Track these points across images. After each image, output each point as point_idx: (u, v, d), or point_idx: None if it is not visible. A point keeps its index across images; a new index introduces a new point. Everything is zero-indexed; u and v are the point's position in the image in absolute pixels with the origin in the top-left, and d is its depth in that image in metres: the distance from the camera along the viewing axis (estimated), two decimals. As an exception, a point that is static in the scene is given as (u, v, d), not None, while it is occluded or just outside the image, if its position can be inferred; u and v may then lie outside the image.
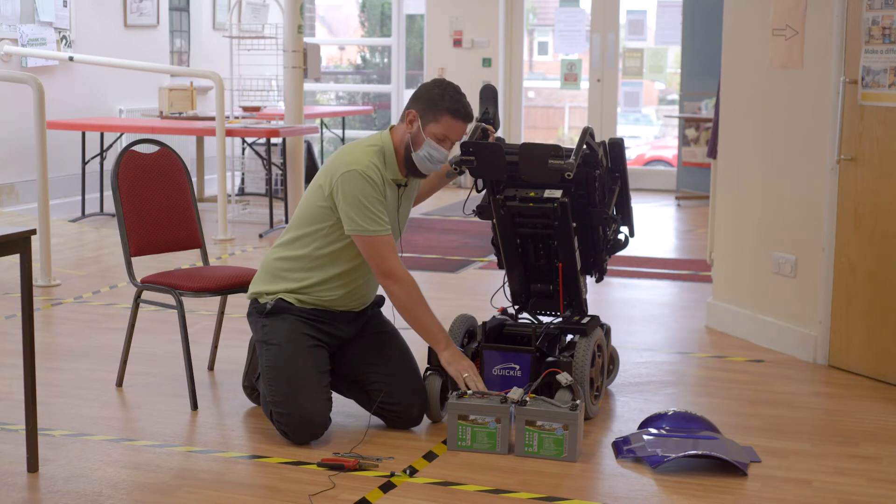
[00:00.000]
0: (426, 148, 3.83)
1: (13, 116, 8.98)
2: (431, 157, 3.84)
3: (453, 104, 3.83)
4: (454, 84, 3.91)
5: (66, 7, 9.63)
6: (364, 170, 3.76)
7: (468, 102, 3.90)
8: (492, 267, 6.78)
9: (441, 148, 3.85)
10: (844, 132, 4.68)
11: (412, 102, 3.89)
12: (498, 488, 3.44)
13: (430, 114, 3.83)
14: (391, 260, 3.80)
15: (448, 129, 3.84)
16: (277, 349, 3.84)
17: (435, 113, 3.82)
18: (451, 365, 3.87)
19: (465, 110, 3.86)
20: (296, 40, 8.28)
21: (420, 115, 3.84)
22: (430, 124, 3.83)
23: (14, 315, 5.53)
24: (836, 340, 4.83)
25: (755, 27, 5.16)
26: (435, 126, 3.83)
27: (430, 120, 3.83)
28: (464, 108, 3.86)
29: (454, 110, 3.83)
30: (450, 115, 3.82)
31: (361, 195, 3.75)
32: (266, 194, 9.26)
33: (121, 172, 4.38)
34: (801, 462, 3.71)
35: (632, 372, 4.76)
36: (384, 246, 3.78)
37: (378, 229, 3.77)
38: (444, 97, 3.83)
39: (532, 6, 13.55)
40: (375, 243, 3.77)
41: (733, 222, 5.42)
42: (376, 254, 3.79)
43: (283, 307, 3.89)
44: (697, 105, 10.56)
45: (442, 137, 3.84)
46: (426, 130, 3.83)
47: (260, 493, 3.42)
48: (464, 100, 3.87)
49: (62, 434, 3.89)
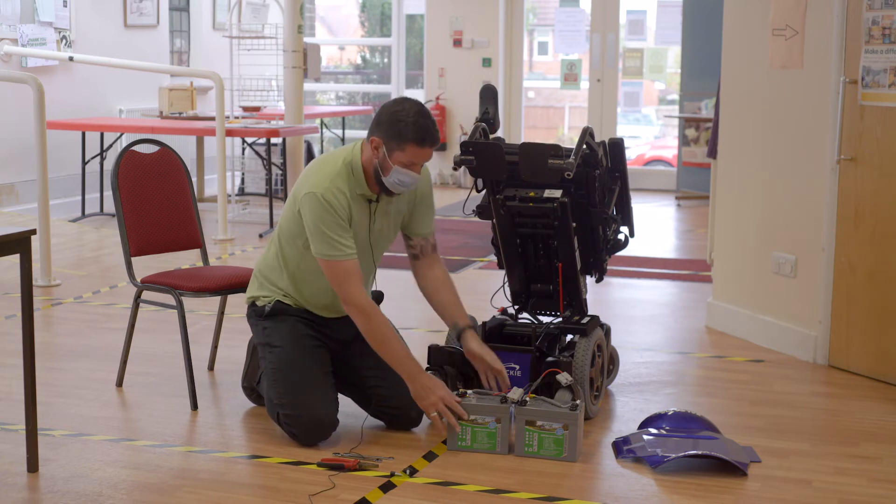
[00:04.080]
0: (395, 174, 3.69)
1: (13, 116, 8.98)
2: (402, 182, 3.73)
3: (418, 132, 3.65)
4: (417, 105, 3.71)
5: (66, 7, 9.63)
6: (323, 193, 3.66)
7: (433, 125, 3.70)
8: (492, 267, 6.78)
9: (410, 172, 3.71)
10: (844, 132, 4.68)
11: (375, 128, 3.72)
12: (498, 488, 3.44)
13: (394, 142, 3.67)
14: (349, 287, 3.70)
15: (414, 157, 3.69)
16: (281, 351, 3.84)
17: (399, 141, 3.66)
18: (420, 400, 3.75)
19: (430, 137, 3.68)
20: (296, 40, 8.28)
21: (384, 143, 3.68)
22: (396, 152, 3.67)
23: (14, 315, 5.53)
24: (836, 340, 4.82)
25: (755, 27, 5.16)
26: (401, 154, 3.67)
27: (394, 148, 3.67)
28: (429, 134, 3.68)
29: (419, 139, 3.66)
30: (415, 144, 3.67)
31: (320, 221, 3.67)
32: (266, 194, 9.26)
33: (121, 172, 4.38)
34: (801, 462, 3.71)
35: (632, 372, 4.76)
36: (343, 272, 3.69)
37: (336, 255, 3.68)
38: (408, 125, 3.65)
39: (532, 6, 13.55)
40: (334, 269, 3.70)
41: (733, 222, 5.42)
42: (335, 280, 3.72)
43: (281, 309, 3.89)
44: (697, 105, 10.56)
45: (409, 164, 3.69)
46: (392, 158, 3.68)
47: (260, 493, 3.42)
48: (428, 124, 3.68)
49: (62, 434, 3.89)
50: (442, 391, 3.73)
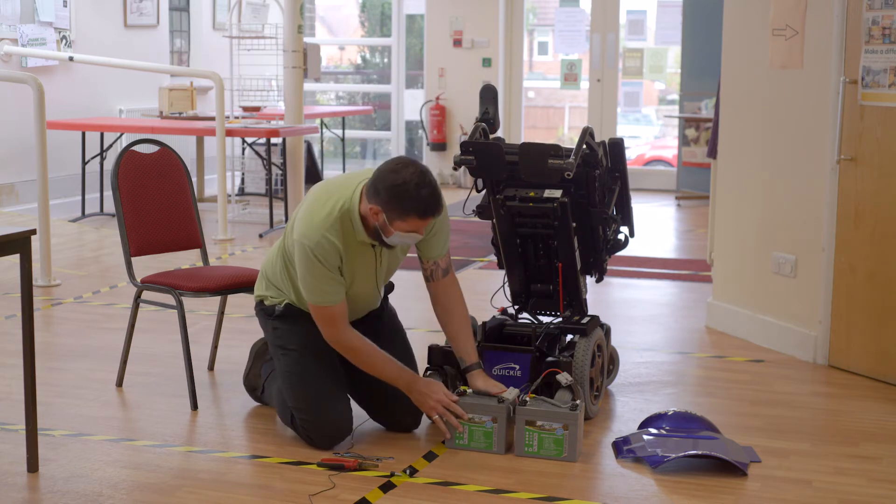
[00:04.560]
0: (396, 237, 3.59)
1: (13, 116, 8.98)
2: (405, 242, 3.68)
3: (419, 207, 3.49)
4: (420, 173, 3.50)
5: (66, 7, 9.63)
6: (314, 247, 3.57)
7: (437, 195, 3.54)
8: (492, 267, 6.78)
9: (413, 234, 3.60)
10: (844, 132, 4.68)
11: (373, 197, 3.52)
12: (498, 488, 3.44)
13: (395, 212, 3.50)
14: (335, 330, 3.70)
15: (416, 227, 3.56)
16: (296, 355, 3.83)
17: (400, 212, 3.50)
18: (421, 407, 3.78)
19: (433, 209, 3.53)
20: (296, 40, 8.28)
21: (384, 212, 3.52)
22: (397, 221, 3.53)
23: (14, 315, 5.53)
24: (836, 340, 4.82)
25: (755, 27, 5.16)
26: (402, 223, 3.53)
27: (395, 217, 3.52)
28: (432, 206, 3.52)
29: (422, 213, 3.51)
30: (417, 217, 3.52)
31: (309, 273, 3.63)
32: (266, 194, 9.26)
33: (121, 172, 4.38)
34: (801, 462, 3.71)
35: (632, 372, 4.76)
36: (330, 317, 3.69)
37: (322, 301, 3.66)
38: (409, 199, 3.47)
39: (532, 6, 13.55)
40: (320, 313, 3.70)
41: (733, 222, 5.42)
42: (320, 322, 3.72)
43: (292, 310, 3.88)
44: (697, 105, 10.56)
45: (411, 230, 3.57)
46: (393, 225, 3.54)
47: (260, 493, 3.42)
48: (429, 195, 3.50)
49: (62, 434, 3.89)
50: (439, 394, 3.74)
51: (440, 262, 3.90)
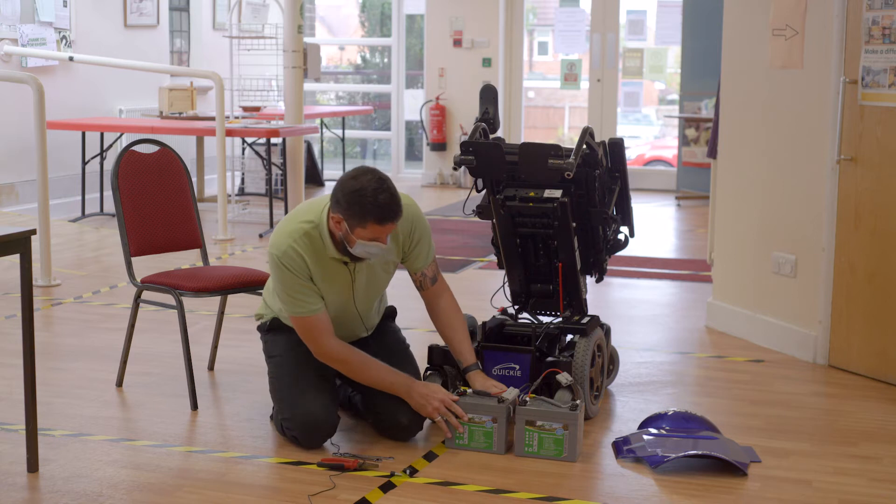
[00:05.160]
0: (360, 247, 3.60)
1: (13, 116, 8.98)
2: (369, 252, 3.65)
3: (378, 213, 3.53)
4: (378, 180, 3.55)
5: (66, 7, 9.63)
6: (281, 256, 3.62)
7: (396, 200, 3.56)
8: (492, 267, 6.78)
9: (376, 244, 3.60)
10: (844, 132, 4.68)
11: (335, 204, 3.59)
12: (498, 488, 3.44)
13: (354, 220, 3.55)
14: (319, 341, 3.71)
15: (376, 234, 3.57)
16: (279, 359, 3.88)
17: (359, 220, 3.54)
18: (421, 411, 3.76)
19: (391, 215, 3.55)
20: (296, 40, 8.28)
21: (345, 220, 3.57)
22: (357, 228, 3.56)
23: (14, 315, 5.53)
24: (836, 340, 4.82)
25: (755, 27, 5.16)
26: (362, 231, 3.56)
27: (355, 225, 3.56)
28: (390, 212, 3.54)
29: (380, 218, 3.54)
30: (376, 223, 3.55)
31: (280, 282, 3.67)
32: (266, 194, 9.26)
33: (121, 172, 4.38)
34: (801, 462, 3.71)
35: (632, 372, 4.76)
36: (312, 327, 3.70)
37: (301, 311, 3.68)
38: (367, 205, 3.51)
39: (532, 6, 13.55)
40: (301, 325, 3.72)
41: (733, 222, 5.42)
42: (304, 334, 3.74)
43: (278, 323, 3.94)
44: (697, 105, 10.56)
45: (373, 238, 3.58)
46: (354, 233, 3.57)
47: (260, 493, 3.42)
48: (390, 201, 3.54)
49: (62, 434, 3.89)
50: (440, 394, 3.74)
51: (426, 272, 3.93)
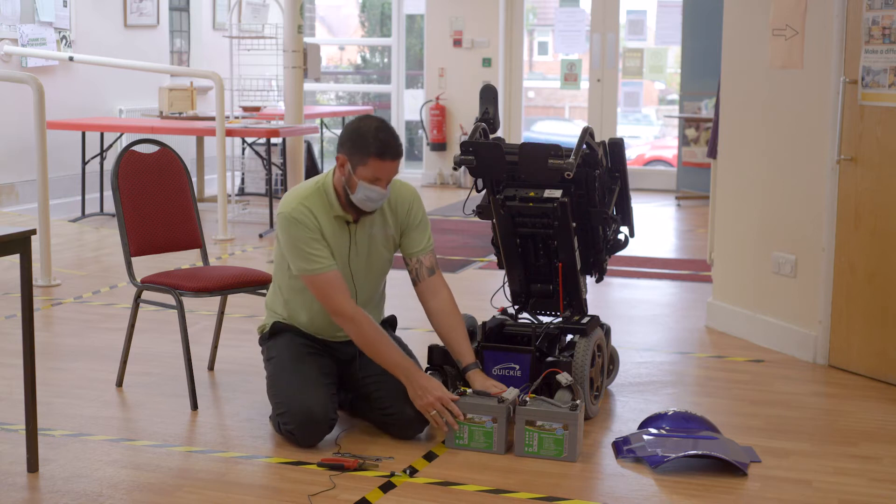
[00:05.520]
0: (361, 190, 3.70)
1: (13, 116, 8.98)
2: (370, 198, 3.73)
3: (379, 146, 3.68)
4: (379, 121, 3.75)
5: (66, 7, 9.63)
6: (290, 212, 3.75)
7: (396, 139, 3.73)
8: (492, 267, 6.78)
9: (376, 188, 3.70)
10: (844, 132, 4.68)
11: (339, 146, 3.78)
12: (498, 488, 3.44)
13: (356, 157, 3.69)
14: (335, 298, 3.73)
15: (377, 171, 3.69)
16: (276, 359, 3.89)
17: (361, 156, 3.68)
18: (416, 401, 3.74)
19: (392, 150, 3.70)
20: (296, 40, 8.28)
21: (348, 159, 3.71)
22: (359, 167, 3.69)
23: (14, 315, 5.53)
24: (836, 340, 4.82)
25: (755, 27, 5.16)
26: (364, 169, 3.69)
27: (357, 163, 3.69)
28: (390, 147, 3.69)
29: (380, 152, 3.67)
30: (376, 157, 3.67)
31: (292, 237, 3.75)
32: (266, 194, 9.26)
33: (121, 172, 4.38)
34: (801, 462, 3.71)
35: (632, 372, 4.76)
36: (326, 284, 3.73)
37: (316, 268, 3.73)
38: (368, 139, 3.68)
39: (532, 6, 13.55)
40: (316, 282, 3.74)
41: (733, 222, 5.42)
42: (318, 293, 3.76)
43: (280, 328, 3.96)
44: (697, 105, 10.56)
45: (374, 179, 3.70)
46: (357, 174, 3.70)
47: (260, 493, 3.42)
48: (390, 138, 3.71)
49: (62, 434, 3.89)
50: (439, 391, 3.73)
51: (424, 260, 3.94)
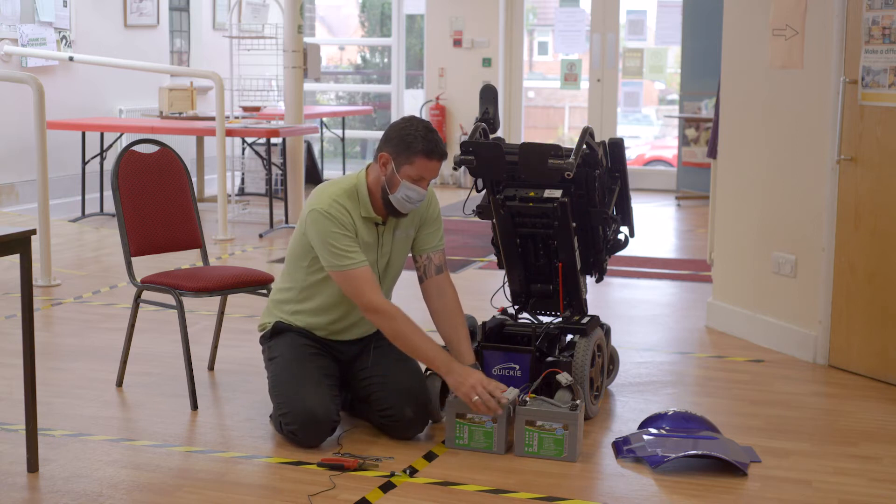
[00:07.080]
0: (403, 190, 3.75)
1: (13, 116, 8.98)
2: (409, 198, 3.77)
3: (427, 145, 3.74)
4: (425, 122, 3.83)
5: (66, 7, 9.63)
6: (325, 208, 3.74)
7: (441, 140, 3.81)
8: (492, 267, 6.78)
9: (417, 188, 3.76)
10: (844, 132, 4.68)
11: (384, 144, 3.81)
12: (498, 488, 3.44)
13: (403, 156, 3.74)
14: (368, 293, 3.73)
15: (423, 170, 3.75)
16: (279, 359, 3.88)
17: (408, 155, 3.73)
18: (458, 390, 3.71)
19: (438, 150, 3.77)
20: (296, 40, 8.28)
21: (393, 158, 3.76)
22: (405, 166, 3.74)
23: (14, 315, 5.53)
24: (836, 340, 4.82)
25: (755, 27, 5.16)
26: (409, 168, 3.74)
27: (403, 162, 3.74)
28: (437, 147, 3.77)
29: (428, 151, 3.74)
30: (424, 156, 3.73)
31: (326, 234, 3.74)
32: (266, 194, 9.26)
33: (121, 172, 4.38)
34: (801, 462, 3.71)
35: (632, 372, 4.76)
36: (358, 280, 3.73)
37: (348, 263, 3.73)
38: (417, 138, 3.74)
39: (532, 6, 13.55)
40: (348, 278, 3.74)
41: (733, 222, 5.42)
42: (351, 288, 3.76)
43: (282, 328, 3.96)
44: (697, 105, 10.56)
45: (417, 178, 3.75)
46: (401, 172, 3.74)
47: (260, 493, 3.42)
48: (437, 138, 3.79)
49: (62, 434, 3.89)
50: (476, 376, 3.70)
51: (433, 258, 3.97)
